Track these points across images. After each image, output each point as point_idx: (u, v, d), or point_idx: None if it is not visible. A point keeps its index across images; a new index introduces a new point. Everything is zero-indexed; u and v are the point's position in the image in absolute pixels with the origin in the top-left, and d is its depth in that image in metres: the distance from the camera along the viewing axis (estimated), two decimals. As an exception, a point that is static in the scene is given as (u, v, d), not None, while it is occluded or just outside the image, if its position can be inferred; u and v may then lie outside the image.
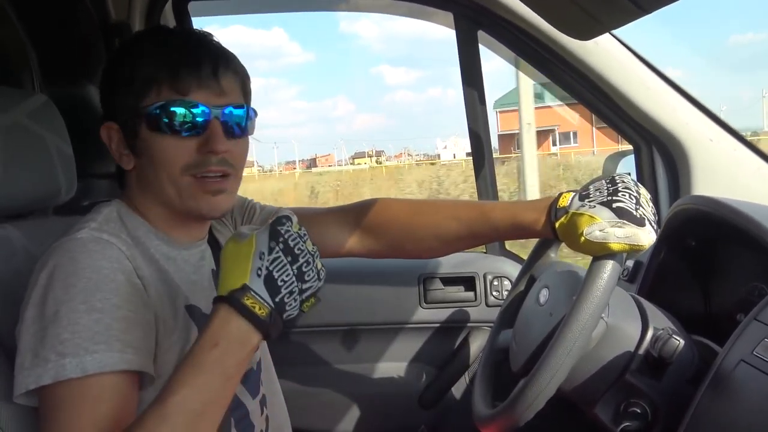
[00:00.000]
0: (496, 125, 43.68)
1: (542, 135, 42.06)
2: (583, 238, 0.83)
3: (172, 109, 0.85)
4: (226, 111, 0.88)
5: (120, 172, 0.94)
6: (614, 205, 0.83)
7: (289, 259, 0.75)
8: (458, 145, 42.12)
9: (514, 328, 1.09)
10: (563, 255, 1.19)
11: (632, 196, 0.84)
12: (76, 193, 1.08)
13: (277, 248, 0.75)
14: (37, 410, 0.79)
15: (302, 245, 0.76)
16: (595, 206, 0.84)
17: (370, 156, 49.40)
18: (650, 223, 0.82)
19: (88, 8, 1.49)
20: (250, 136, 0.94)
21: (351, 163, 44.96)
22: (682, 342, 0.87)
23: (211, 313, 0.75)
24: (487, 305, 1.66)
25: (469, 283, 1.68)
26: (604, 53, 1.39)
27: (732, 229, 0.98)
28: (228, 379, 0.74)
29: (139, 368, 0.78)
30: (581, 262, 1.19)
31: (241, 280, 0.74)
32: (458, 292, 1.68)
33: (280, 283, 0.74)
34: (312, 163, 48.91)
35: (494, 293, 1.65)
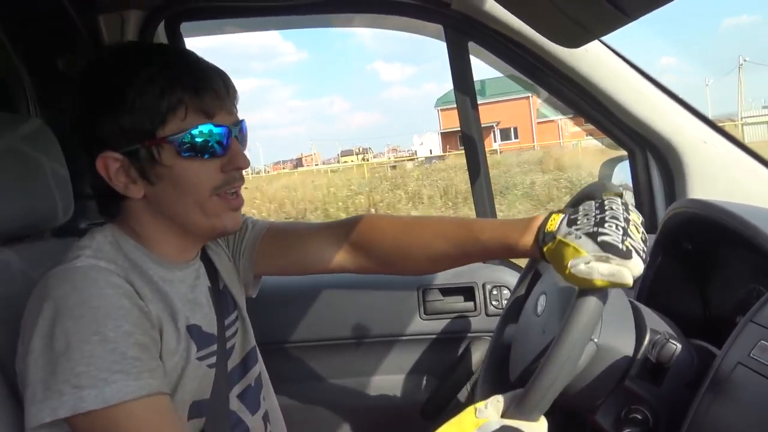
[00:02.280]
0: (438, 123, 44.13)
1: (483, 131, 41.86)
2: (567, 271, 0.80)
3: (200, 134, 0.85)
4: (241, 127, 0.91)
5: (110, 200, 0.91)
6: (599, 239, 0.79)
7: None
8: (434, 141, 42.29)
9: (515, 330, 1.09)
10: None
11: (619, 227, 0.81)
12: (73, 214, 1.09)
13: None
14: None
15: None
16: (581, 237, 0.81)
17: (357, 154, 49.57)
18: (638, 254, 0.79)
19: (80, 32, 1.51)
20: None
21: (338, 161, 45.11)
22: (680, 346, 0.86)
23: None
24: (487, 315, 1.66)
25: (468, 293, 1.68)
26: (594, 60, 1.40)
27: (728, 231, 0.98)
28: None
29: (159, 390, 0.78)
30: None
31: None
32: (457, 302, 1.68)
33: None
34: (298, 162, 48.94)
35: (494, 302, 1.65)
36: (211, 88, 0.86)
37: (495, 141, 40.33)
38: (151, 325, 0.83)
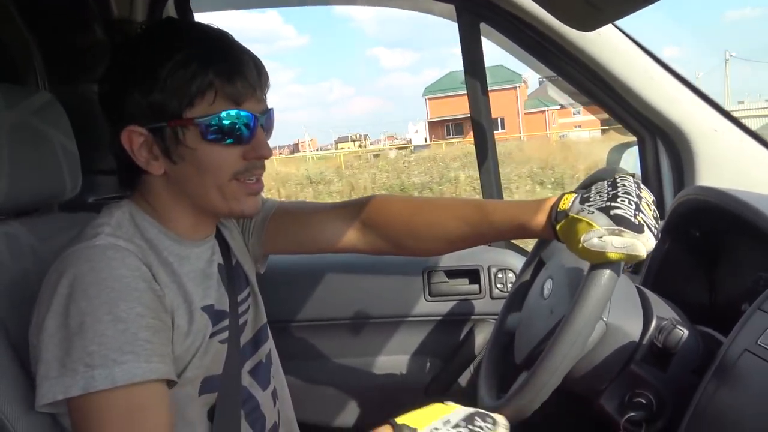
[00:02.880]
0: (426, 112, 44.00)
1: (469, 122, 41.88)
2: (581, 245, 0.82)
3: (229, 119, 0.84)
4: (267, 117, 0.90)
5: (130, 174, 0.91)
6: (612, 212, 0.81)
7: None
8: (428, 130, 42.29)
9: (520, 316, 1.09)
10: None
11: (632, 201, 0.83)
12: (81, 189, 1.09)
13: (463, 428, 0.75)
14: (53, 418, 0.81)
15: None
16: (593, 212, 0.82)
17: (354, 140, 49.42)
18: (650, 229, 0.81)
19: (90, 5, 1.50)
20: None
21: (335, 148, 45.03)
22: (686, 332, 0.87)
23: (383, 426, 0.77)
24: (492, 297, 1.66)
25: (473, 275, 1.68)
26: (607, 44, 1.39)
27: (736, 219, 0.98)
28: None
29: (166, 376, 0.79)
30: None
31: (420, 425, 0.75)
32: (463, 284, 1.68)
33: None
34: (294, 148, 48.79)
35: (499, 285, 1.65)
36: (243, 74, 0.85)
37: None
38: (164, 310, 0.83)
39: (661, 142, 1.48)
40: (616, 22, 1.36)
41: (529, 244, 1.28)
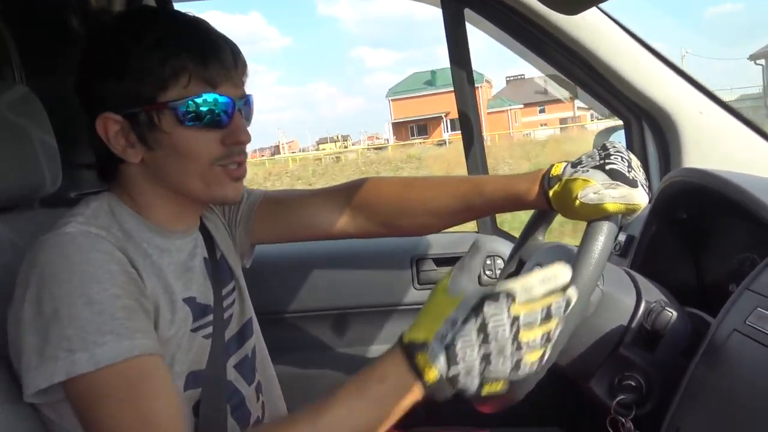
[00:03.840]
0: (389, 114, 44.33)
1: (433, 122, 42.62)
2: (578, 202, 0.82)
3: (204, 103, 0.83)
4: (246, 102, 0.89)
5: (108, 164, 0.89)
6: (607, 168, 0.83)
7: (480, 338, 0.68)
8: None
9: None
10: (550, 237, 1.19)
11: (624, 159, 0.84)
12: (62, 184, 1.07)
13: (473, 322, 0.68)
14: (33, 409, 0.80)
15: (503, 331, 0.67)
16: (588, 170, 0.84)
17: (335, 141, 49.39)
18: (642, 186, 0.82)
19: (67, -3, 1.47)
20: None
21: (316, 149, 45.05)
22: (675, 314, 0.87)
23: (393, 347, 0.74)
24: (481, 284, 1.65)
25: None
26: (592, 28, 1.38)
27: (723, 200, 0.98)
28: (381, 419, 0.73)
29: (152, 351, 0.77)
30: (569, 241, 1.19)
31: (427, 335, 0.71)
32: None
33: (459, 359, 0.68)
34: (276, 150, 48.60)
35: (487, 272, 1.65)
36: (219, 58, 0.84)
37: (445, 131, 40.67)
38: (142, 294, 0.81)
39: (647, 125, 1.49)
40: (600, 6, 1.36)
41: (517, 230, 1.28)
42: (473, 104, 1.65)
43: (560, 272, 0.70)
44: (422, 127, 43.49)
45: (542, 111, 46.93)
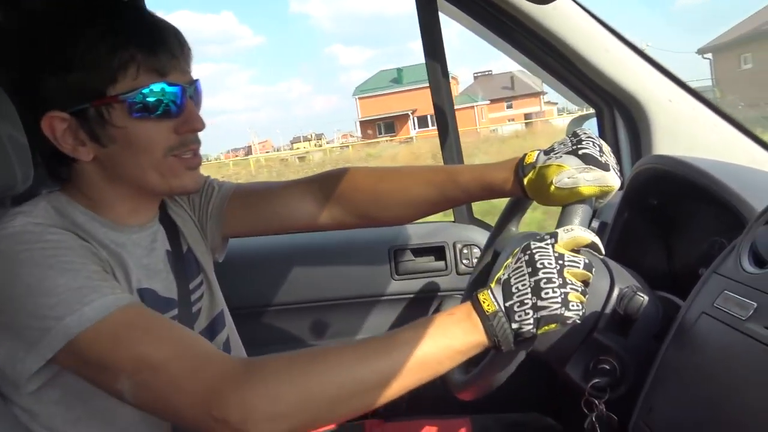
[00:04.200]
0: (356, 112, 44.53)
1: (401, 120, 42.97)
2: (552, 187, 0.84)
3: (154, 93, 0.81)
4: (195, 88, 0.87)
5: (58, 164, 0.87)
6: (580, 152, 0.85)
7: (529, 270, 0.74)
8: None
9: None
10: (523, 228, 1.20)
11: (596, 145, 0.86)
12: (34, 182, 1.05)
13: (522, 259, 0.75)
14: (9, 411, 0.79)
15: (549, 263, 0.73)
16: (561, 156, 0.86)
17: (309, 140, 49.21)
18: (614, 170, 0.85)
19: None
20: None
21: (290, 148, 44.84)
22: (647, 298, 0.89)
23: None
24: (458, 273, 1.68)
25: (439, 252, 1.69)
26: (562, 17, 1.39)
27: (692, 186, 1.00)
28: (448, 351, 0.73)
29: (140, 305, 0.77)
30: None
31: (490, 284, 0.76)
32: (429, 262, 1.69)
33: (514, 290, 0.73)
34: (249, 150, 48.20)
35: (464, 261, 1.67)
36: (166, 45, 0.82)
37: (413, 128, 40.85)
38: (104, 270, 0.80)
39: (618, 113, 1.51)
40: (571, -5, 1.37)
41: (493, 218, 1.29)
42: (448, 96, 1.66)
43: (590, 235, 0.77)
44: (390, 125, 43.56)
45: (509, 107, 47.33)
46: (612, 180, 0.83)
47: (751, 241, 0.80)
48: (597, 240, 0.76)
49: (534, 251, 0.75)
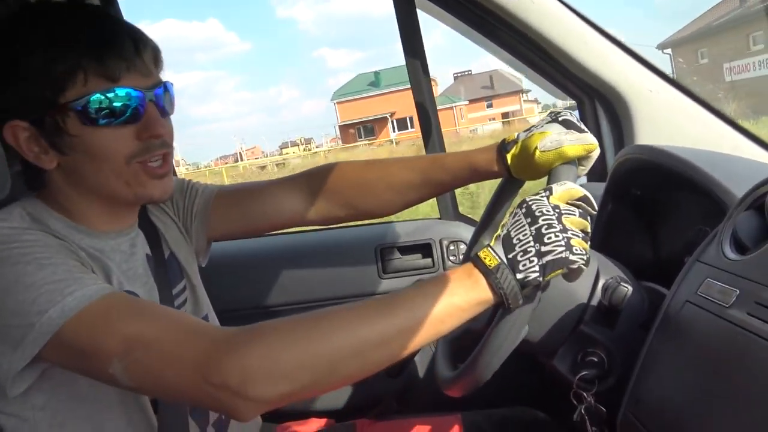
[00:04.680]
0: (336, 116, 44.74)
1: (380, 123, 43.21)
2: (537, 153, 0.86)
3: (106, 99, 0.78)
4: (157, 92, 0.84)
5: (29, 171, 0.86)
6: (560, 119, 0.88)
7: (528, 220, 0.73)
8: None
9: None
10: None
11: (573, 115, 0.89)
12: (11, 191, 1.03)
13: (520, 212, 0.75)
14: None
15: (548, 211, 0.73)
16: (542, 126, 0.89)
17: (298, 145, 49.27)
18: (592, 137, 0.87)
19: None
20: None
21: (279, 154, 44.89)
22: (631, 289, 0.89)
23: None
24: (445, 270, 1.67)
25: (426, 250, 1.69)
26: (541, 11, 1.39)
27: (674, 175, 1.00)
28: (452, 309, 0.71)
29: (122, 293, 0.77)
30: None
31: (489, 243, 0.75)
32: (416, 259, 1.69)
33: (515, 242, 0.72)
34: (238, 157, 48.09)
35: (451, 258, 1.67)
36: (115, 49, 0.79)
37: (393, 131, 41.05)
38: (83, 265, 0.79)
39: (599, 104, 1.51)
40: (549, -12, 1.37)
41: (478, 214, 1.29)
42: (429, 93, 1.65)
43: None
44: (369, 129, 43.76)
45: (489, 106, 47.67)
46: (593, 139, 0.86)
47: (732, 228, 0.80)
48: (589, 195, 0.76)
49: (530, 203, 0.74)
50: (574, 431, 0.94)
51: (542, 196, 0.75)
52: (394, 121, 42.61)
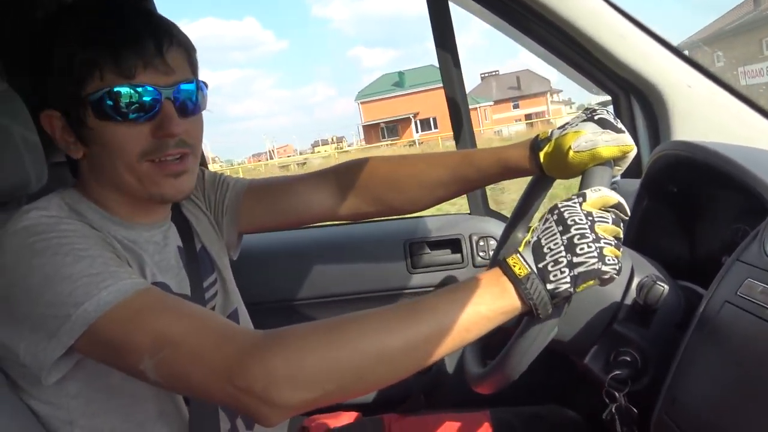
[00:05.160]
0: (359, 116, 44.61)
1: (403, 123, 42.88)
2: (571, 153, 0.84)
3: (119, 95, 0.80)
4: (177, 90, 0.84)
5: (70, 159, 0.89)
6: (596, 117, 0.86)
7: (560, 228, 0.71)
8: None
9: None
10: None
11: (610, 113, 0.87)
12: (48, 181, 1.06)
13: (551, 219, 0.73)
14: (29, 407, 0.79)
15: (580, 219, 0.71)
16: (577, 124, 0.86)
17: (331, 143, 49.52)
18: (629, 137, 0.85)
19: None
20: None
21: (311, 152, 45.16)
22: (667, 288, 0.87)
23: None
24: (474, 266, 1.66)
25: (455, 245, 1.68)
26: (577, 3, 1.37)
27: (713, 172, 0.98)
28: (477, 318, 0.70)
29: (156, 289, 0.77)
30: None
31: (518, 248, 0.74)
32: (445, 255, 1.68)
33: (546, 251, 0.71)
34: (270, 155, 48.46)
35: (481, 254, 1.65)
36: (133, 46, 0.80)
37: (416, 131, 40.91)
38: (119, 257, 0.80)
39: (635, 99, 1.48)
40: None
41: (509, 210, 1.27)
42: (460, 87, 1.64)
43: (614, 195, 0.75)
44: (393, 128, 43.79)
45: (516, 107, 47.27)
46: (629, 140, 0.84)
47: (775, 227, 0.78)
48: (623, 201, 0.74)
49: (563, 210, 0.72)
50: (603, 431, 0.93)
51: (575, 203, 0.73)
52: (418, 122, 42.59)
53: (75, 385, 0.81)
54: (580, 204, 0.73)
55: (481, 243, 1.66)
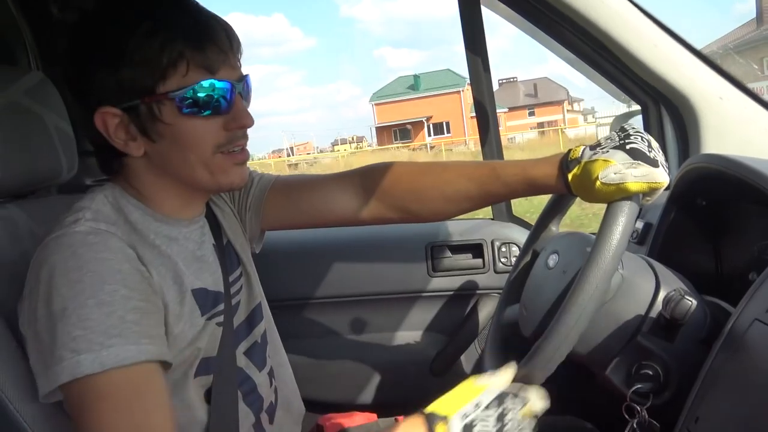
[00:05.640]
0: (373, 118, 44.50)
1: (416, 126, 42.68)
2: (598, 183, 0.81)
3: (203, 90, 0.80)
4: (245, 84, 0.87)
5: (110, 157, 0.87)
6: (628, 147, 0.81)
7: (498, 426, 0.77)
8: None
9: (522, 297, 1.08)
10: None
11: (644, 139, 0.83)
12: (79, 171, 1.07)
13: (494, 409, 0.77)
14: (61, 405, 0.79)
15: (515, 425, 0.78)
16: (608, 151, 0.82)
17: (351, 142, 49.64)
18: (663, 166, 0.81)
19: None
20: None
21: (332, 151, 45.33)
22: (695, 303, 0.85)
23: (412, 417, 0.77)
24: (496, 272, 1.65)
25: (477, 250, 1.67)
26: (608, 10, 1.35)
27: (744, 186, 0.96)
28: None
29: (158, 357, 0.77)
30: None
31: (448, 412, 0.77)
32: (466, 259, 1.68)
33: None
34: (290, 151, 48.70)
35: (502, 260, 1.64)
36: (214, 41, 0.81)
37: (428, 135, 40.85)
38: (153, 291, 0.81)
39: (665, 109, 1.46)
40: (619, -12, 1.33)
41: (533, 217, 1.26)
42: (489, 90, 1.63)
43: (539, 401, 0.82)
44: (405, 131, 43.76)
45: (532, 114, 46.97)
46: (661, 176, 0.80)
47: (808, 246, 0.76)
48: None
49: (507, 409, 0.78)
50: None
51: (518, 405, 0.79)
52: (431, 126, 42.57)
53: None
54: (521, 408, 0.79)
55: (503, 249, 1.65)
